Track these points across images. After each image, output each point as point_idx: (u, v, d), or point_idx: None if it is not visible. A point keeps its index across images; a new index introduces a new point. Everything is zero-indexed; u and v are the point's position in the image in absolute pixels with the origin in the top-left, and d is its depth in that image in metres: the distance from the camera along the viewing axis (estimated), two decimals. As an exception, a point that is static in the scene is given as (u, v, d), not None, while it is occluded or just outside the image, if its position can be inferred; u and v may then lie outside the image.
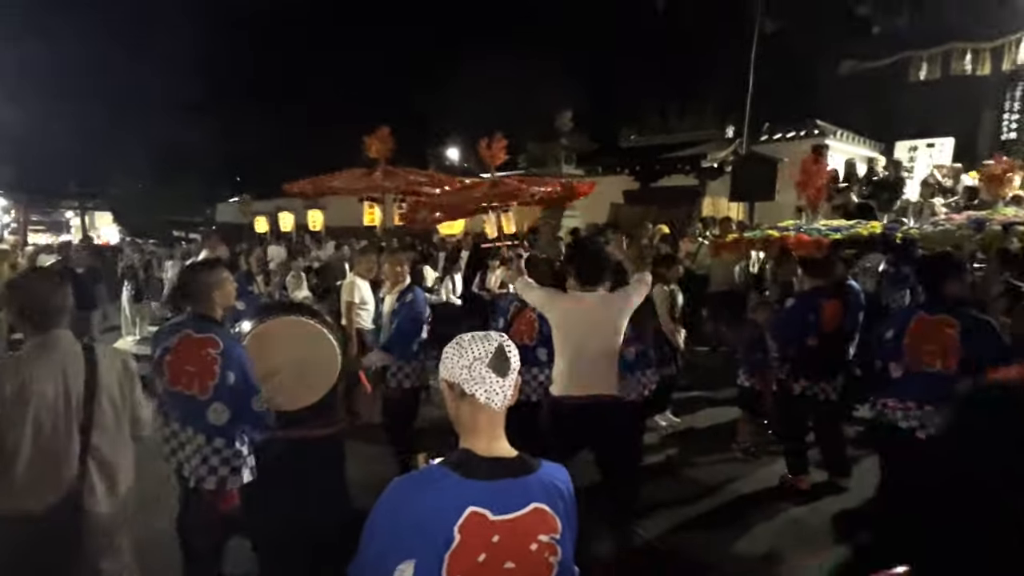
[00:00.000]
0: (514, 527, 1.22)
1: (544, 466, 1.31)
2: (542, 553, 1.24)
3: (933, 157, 11.32)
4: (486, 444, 1.28)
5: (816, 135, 11.37)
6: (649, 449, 4.89)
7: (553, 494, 1.28)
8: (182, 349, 2.43)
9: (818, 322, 3.97)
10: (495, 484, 1.23)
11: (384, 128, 7.25)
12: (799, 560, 3.31)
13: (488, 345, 1.27)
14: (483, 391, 1.26)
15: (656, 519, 3.78)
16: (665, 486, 4.28)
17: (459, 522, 1.19)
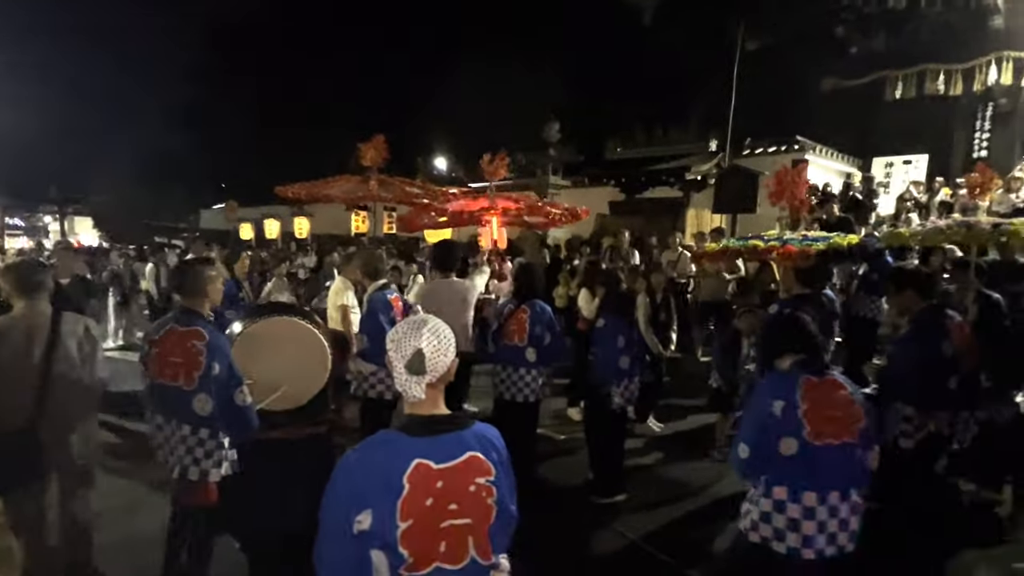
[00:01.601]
0: (454, 473, 1.42)
1: (477, 424, 1.54)
2: (480, 493, 1.44)
3: (909, 173, 11.68)
4: (425, 409, 1.49)
5: (796, 150, 11.65)
6: (634, 453, 4.96)
7: (486, 444, 1.49)
8: (167, 342, 2.48)
9: None
10: (436, 439, 1.44)
11: (379, 136, 7.26)
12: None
13: (408, 347, 1.44)
14: (400, 387, 1.47)
15: (642, 520, 3.86)
16: (651, 489, 4.36)
17: (407, 473, 1.38)
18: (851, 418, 2.17)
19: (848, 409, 2.18)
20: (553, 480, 4.50)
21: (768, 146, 12.03)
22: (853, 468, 2.17)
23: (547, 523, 3.82)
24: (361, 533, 1.37)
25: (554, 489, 4.35)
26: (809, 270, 4.33)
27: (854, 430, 2.16)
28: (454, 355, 1.51)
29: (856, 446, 2.16)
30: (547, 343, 4.06)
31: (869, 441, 2.20)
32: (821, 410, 2.16)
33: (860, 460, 2.17)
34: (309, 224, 14.68)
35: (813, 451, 2.13)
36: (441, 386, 1.51)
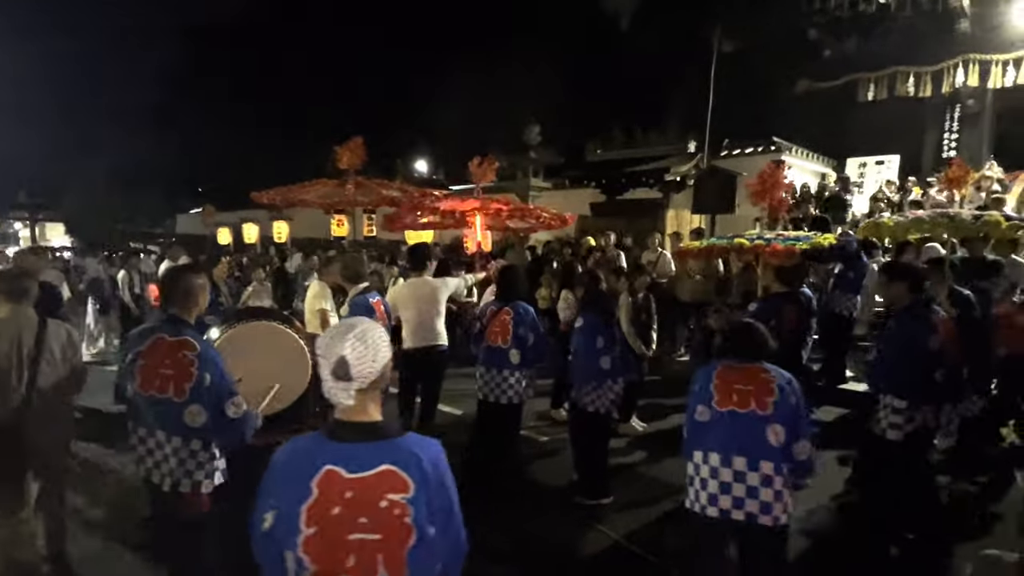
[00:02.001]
0: (365, 484, 1.35)
1: (409, 437, 1.45)
2: (392, 511, 1.35)
3: (882, 173, 11.94)
4: (347, 413, 1.43)
5: (773, 151, 11.85)
6: (617, 452, 4.99)
7: (409, 460, 1.39)
8: (155, 352, 2.40)
9: (778, 326, 4.04)
10: (351, 446, 1.39)
11: (357, 138, 7.20)
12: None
13: (333, 354, 1.39)
14: (328, 393, 1.42)
15: (625, 520, 3.87)
16: (634, 488, 4.39)
17: (316, 478, 1.34)
18: (763, 392, 2.33)
19: (762, 386, 2.34)
20: (537, 481, 4.50)
21: (746, 147, 12.22)
22: (760, 438, 2.29)
23: (531, 523, 3.85)
24: (267, 532, 1.36)
25: (538, 490, 4.35)
26: (788, 269, 4.44)
27: (765, 403, 2.31)
28: (386, 360, 1.46)
29: (767, 419, 2.29)
30: (530, 344, 4.08)
31: (789, 423, 2.30)
32: (731, 383, 2.38)
33: (772, 433, 2.29)
34: (288, 228, 14.50)
35: (719, 416, 2.35)
36: (374, 392, 1.46)
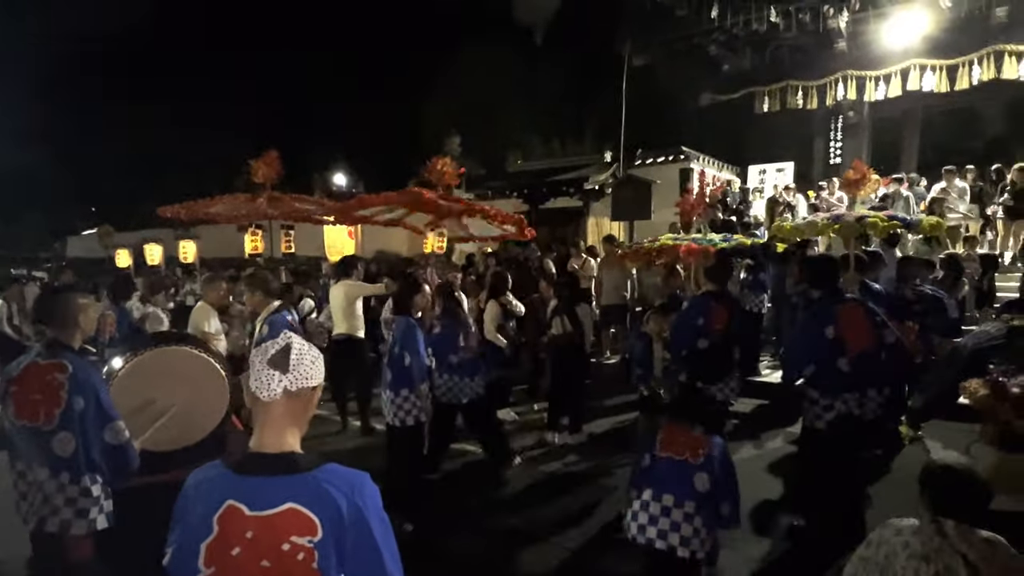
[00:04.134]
0: (267, 524, 1.23)
1: (323, 471, 1.29)
2: (295, 554, 1.22)
3: (779, 179, 12.88)
4: (258, 440, 1.32)
5: (683, 159, 12.50)
6: (550, 456, 5.07)
7: (321, 498, 1.25)
8: (27, 378, 2.21)
9: (707, 325, 4.19)
10: (255, 480, 1.27)
11: (271, 151, 6.86)
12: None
13: (275, 347, 1.33)
14: (255, 381, 1.30)
15: (567, 526, 3.91)
16: (572, 493, 4.44)
17: (218, 514, 1.24)
18: (696, 447, 2.65)
19: (695, 444, 2.66)
20: (469, 492, 4.48)
21: (658, 156, 12.81)
22: (688, 482, 2.59)
23: (453, 533, 3.84)
24: (167, 568, 1.25)
25: (467, 500, 4.34)
26: (715, 268, 4.58)
27: (697, 455, 2.63)
28: (320, 381, 1.37)
29: (695, 467, 2.60)
30: (406, 365, 3.85)
31: (716, 478, 2.60)
32: (674, 435, 2.71)
33: (699, 479, 2.59)
34: (196, 247, 13.64)
35: (660, 462, 2.68)
36: (297, 413, 1.35)
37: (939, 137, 16.06)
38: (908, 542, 1.90)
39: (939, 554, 1.84)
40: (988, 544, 1.85)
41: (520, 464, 4.91)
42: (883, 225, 5.15)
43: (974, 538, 1.85)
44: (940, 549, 1.85)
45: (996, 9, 10.39)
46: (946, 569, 1.82)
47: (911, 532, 1.92)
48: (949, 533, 1.87)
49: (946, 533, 1.87)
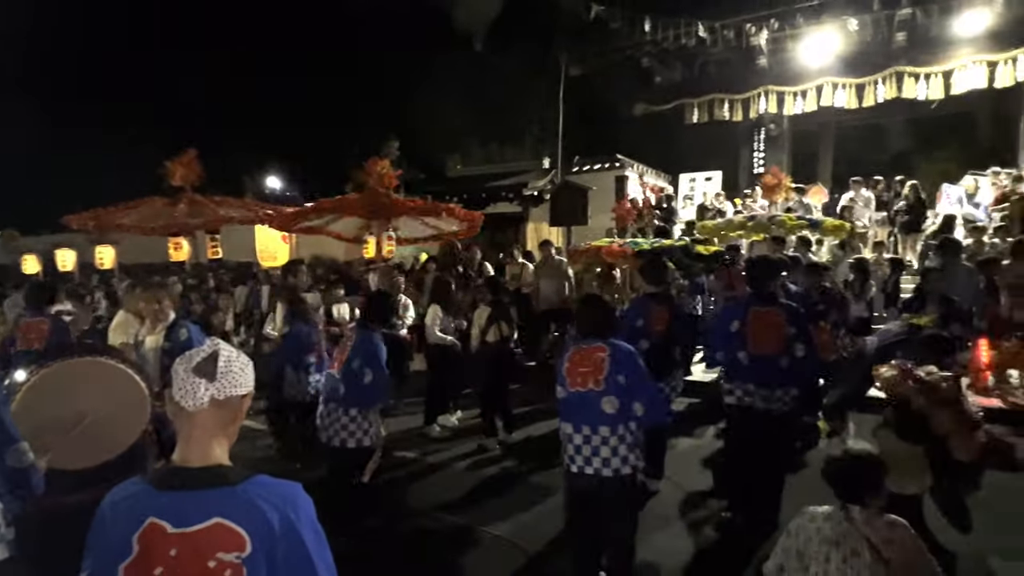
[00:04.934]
0: (192, 541, 1.17)
1: (253, 483, 1.24)
2: (223, 571, 1.17)
3: (709, 188, 13.49)
4: (183, 453, 1.27)
5: (618, 167, 12.87)
6: (486, 463, 5.10)
7: (251, 512, 1.20)
8: None
9: (647, 326, 4.30)
10: (180, 495, 1.21)
11: (190, 152, 6.51)
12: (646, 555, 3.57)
13: (201, 354, 1.29)
14: (179, 390, 1.25)
15: (512, 526, 3.95)
16: (516, 493, 4.52)
17: (138, 532, 1.18)
18: (597, 371, 2.78)
19: (597, 365, 2.79)
20: (412, 501, 4.44)
21: (594, 163, 13.14)
22: (596, 409, 2.76)
23: (403, 536, 3.80)
24: None
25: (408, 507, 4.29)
26: (652, 270, 4.73)
27: (599, 380, 2.76)
28: (250, 390, 1.33)
29: (600, 393, 2.75)
30: (367, 381, 3.56)
31: (622, 391, 2.75)
32: (576, 366, 2.84)
33: (607, 405, 2.74)
34: (114, 253, 12.82)
35: (569, 395, 2.85)
36: (224, 429, 1.29)
37: (851, 149, 17.29)
38: (820, 528, 2.05)
39: (847, 538, 1.99)
40: (890, 527, 2.02)
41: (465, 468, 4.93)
42: (791, 224, 5.56)
43: (878, 522, 2.02)
44: (848, 533, 2.00)
45: (896, 33, 11.32)
46: (852, 552, 1.97)
47: (824, 518, 2.07)
48: (855, 518, 2.03)
49: (853, 518, 2.03)
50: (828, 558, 2.00)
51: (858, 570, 1.96)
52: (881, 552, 1.96)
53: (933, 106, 12.08)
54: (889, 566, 1.95)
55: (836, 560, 1.98)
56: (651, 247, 5.49)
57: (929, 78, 11.39)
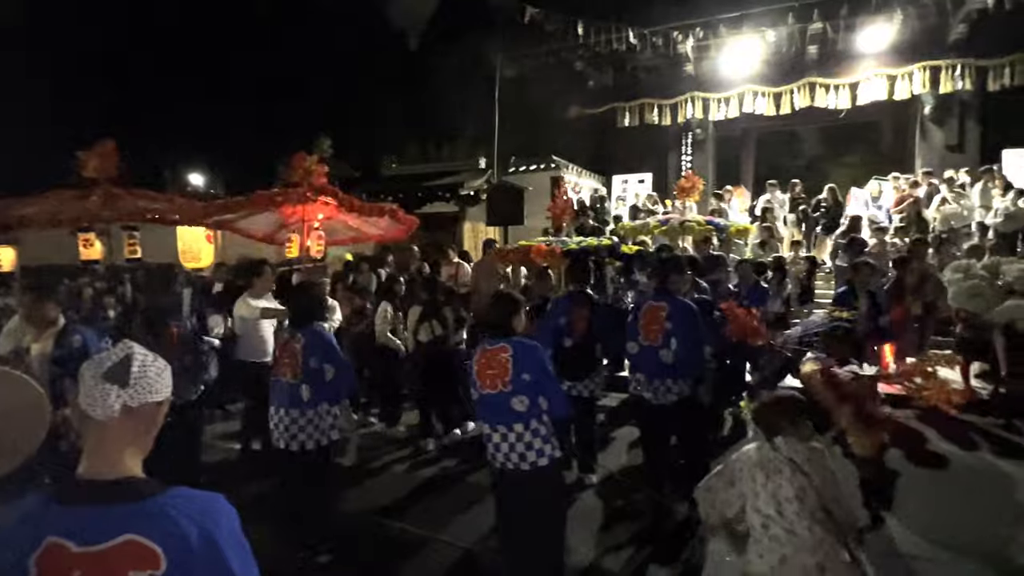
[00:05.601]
0: (100, 560, 1.09)
1: (169, 496, 1.17)
2: None
3: (641, 190, 13.93)
4: (90, 465, 1.18)
5: (554, 168, 13.08)
6: (423, 464, 5.09)
7: (166, 526, 1.12)
8: None
9: (570, 324, 4.46)
10: (84, 511, 1.12)
11: (108, 142, 6.08)
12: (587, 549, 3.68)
13: (113, 357, 1.21)
14: (86, 398, 1.18)
15: (453, 527, 3.96)
16: (454, 494, 4.52)
17: (36, 554, 1.08)
18: (503, 373, 2.85)
19: (502, 366, 2.86)
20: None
21: (530, 164, 13.29)
22: (508, 409, 2.85)
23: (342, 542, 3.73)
24: None
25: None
26: (576, 269, 4.91)
27: (506, 382, 2.84)
28: (167, 396, 1.26)
29: (510, 393, 2.84)
30: (329, 379, 3.50)
31: (529, 388, 2.83)
32: (484, 368, 2.92)
33: (518, 403, 2.83)
34: (15, 253, 11.79)
35: (481, 397, 2.93)
36: (137, 438, 1.22)
37: (770, 154, 18.35)
38: (750, 456, 2.33)
39: (772, 462, 2.25)
40: (811, 450, 2.28)
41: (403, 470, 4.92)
42: (699, 228, 5.94)
43: (800, 447, 2.28)
44: (772, 458, 2.26)
45: (809, 46, 12.11)
46: (775, 471, 2.23)
47: (754, 450, 2.35)
48: (780, 447, 2.30)
49: (778, 447, 2.30)
50: (753, 478, 2.26)
51: (779, 483, 2.21)
52: (802, 467, 2.21)
53: (842, 115, 13.01)
54: (810, 479, 2.18)
55: (760, 479, 2.24)
56: (578, 246, 5.70)
57: (838, 89, 12.26)
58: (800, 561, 2.15)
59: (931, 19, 10.78)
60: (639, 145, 14.24)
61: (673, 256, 5.43)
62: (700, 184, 6.67)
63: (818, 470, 2.22)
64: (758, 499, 2.24)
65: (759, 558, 2.24)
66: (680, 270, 4.18)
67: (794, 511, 2.18)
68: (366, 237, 8.43)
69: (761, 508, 2.24)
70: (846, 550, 2.17)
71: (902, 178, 10.96)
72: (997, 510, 4.00)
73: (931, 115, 12.36)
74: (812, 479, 2.19)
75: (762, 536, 2.23)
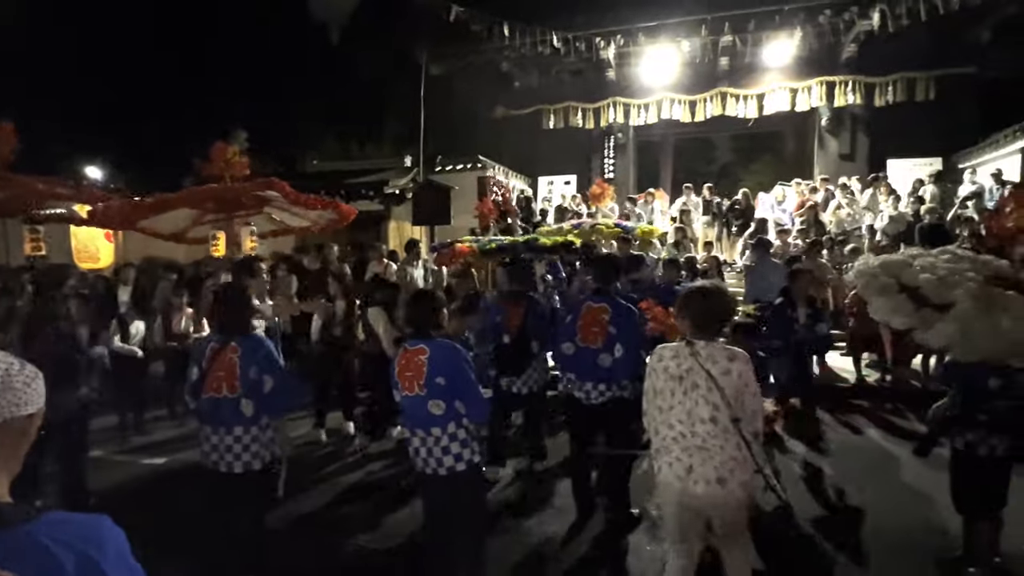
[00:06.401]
0: None
1: (42, 522, 1.03)
2: None
3: (566, 191, 14.23)
4: None
5: (480, 168, 13.10)
6: (350, 468, 4.96)
7: (36, 557, 1.00)
8: None
9: (506, 322, 4.54)
10: None
11: (6, 124, 5.53)
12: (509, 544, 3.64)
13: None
14: None
15: (386, 535, 3.90)
16: (381, 498, 4.43)
17: None
18: (419, 375, 2.80)
19: (418, 368, 2.80)
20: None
21: (456, 164, 13.24)
22: (425, 412, 2.80)
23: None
24: None
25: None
26: (516, 269, 4.98)
27: (421, 385, 2.79)
28: (38, 406, 1.13)
29: (425, 397, 2.78)
30: (268, 390, 3.10)
31: (444, 392, 2.78)
32: (404, 369, 2.85)
33: (434, 407, 2.79)
34: None
35: (402, 399, 2.89)
36: (2, 457, 1.09)
37: (687, 159, 19.29)
38: (668, 366, 2.42)
39: (689, 374, 2.37)
40: (730, 359, 2.37)
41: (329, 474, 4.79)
42: (608, 232, 6.21)
43: (719, 354, 2.37)
44: (691, 369, 2.37)
45: (721, 58, 12.83)
46: (693, 385, 2.35)
47: (671, 356, 2.44)
48: (699, 352, 2.38)
49: (697, 352, 2.38)
50: (673, 392, 2.40)
51: (695, 399, 2.36)
52: (717, 381, 2.33)
53: (750, 124, 13.87)
54: (723, 394, 2.32)
55: (679, 394, 2.38)
56: (495, 245, 5.80)
57: (747, 99, 13.07)
58: (705, 473, 2.32)
59: (827, 38, 11.69)
60: (564, 147, 14.53)
61: (611, 256, 5.49)
62: (610, 190, 6.99)
63: (731, 385, 2.32)
64: (672, 413, 2.37)
65: (668, 467, 2.38)
66: (618, 271, 4.18)
67: (707, 430, 2.33)
68: (290, 230, 8.11)
69: (674, 424, 2.37)
70: (751, 459, 2.35)
71: (803, 184, 11.85)
72: (884, 489, 4.41)
73: (827, 126, 13.44)
74: (725, 393, 2.30)
75: (672, 446, 2.38)
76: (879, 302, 3.03)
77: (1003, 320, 2.58)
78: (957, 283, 2.79)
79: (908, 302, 2.91)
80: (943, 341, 2.73)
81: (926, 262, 3.02)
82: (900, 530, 3.77)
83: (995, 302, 2.66)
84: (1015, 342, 2.57)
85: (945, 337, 2.71)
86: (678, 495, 2.42)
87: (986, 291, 2.72)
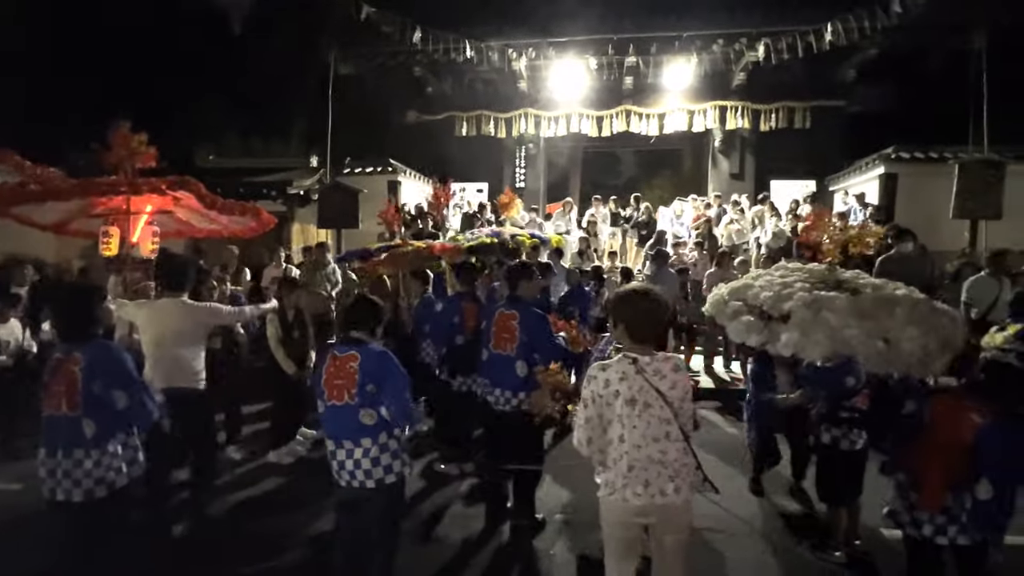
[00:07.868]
0: None
1: None
2: None
3: (476, 198, 14.28)
4: None
5: (390, 172, 12.86)
6: (277, 472, 4.69)
7: None
8: None
9: (462, 323, 4.66)
10: None
11: None
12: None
13: None
14: None
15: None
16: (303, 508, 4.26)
17: None
18: (350, 383, 2.72)
19: (350, 376, 2.72)
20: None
21: (366, 166, 12.91)
22: (355, 423, 2.71)
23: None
24: None
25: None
26: (466, 270, 5.06)
27: (352, 393, 2.70)
28: None
29: (356, 406, 2.70)
30: (121, 407, 2.78)
31: (375, 400, 2.71)
32: (332, 377, 2.76)
33: (366, 417, 2.70)
34: None
35: (327, 409, 2.76)
36: None
37: (595, 172, 20.04)
38: (619, 390, 2.33)
39: (640, 393, 2.32)
40: (674, 370, 2.36)
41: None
42: (528, 241, 6.47)
43: (663, 366, 2.35)
44: (641, 388, 2.31)
45: (626, 77, 13.45)
46: (645, 405, 2.31)
47: (617, 376, 2.34)
48: (644, 369, 2.33)
49: (642, 369, 2.33)
50: (628, 416, 2.32)
51: (647, 420, 2.31)
52: (666, 397, 2.33)
53: (651, 141, 14.64)
54: (673, 407, 2.33)
55: (634, 417, 2.31)
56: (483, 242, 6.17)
57: (649, 118, 13.78)
58: (661, 485, 2.32)
59: (719, 65, 12.60)
60: (476, 154, 14.59)
61: (524, 262, 5.57)
62: (517, 200, 7.21)
63: (677, 392, 2.34)
64: (629, 436, 2.32)
65: (623, 487, 2.34)
66: (530, 277, 4.15)
67: (661, 447, 2.33)
68: (195, 231, 7.42)
69: (630, 449, 2.32)
70: (694, 458, 2.40)
71: (699, 199, 12.68)
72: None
73: (720, 147, 14.49)
74: (674, 407, 2.33)
75: (625, 465, 2.34)
76: (733, 326, 3.22)
77: (831, 318, 2.84)
78: (790, 295, 3.05)
79: (757, 320, 3.12)
80: (792, 348, 2.93)
81: (764, 281, 3.29)
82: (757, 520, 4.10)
83: (822, 304, 2.92)
84: (847, 337, 2.77)
85: (792, 344, 2.90)
86: (632, 513, 2.36)
87: (814, 296, 2.99)
